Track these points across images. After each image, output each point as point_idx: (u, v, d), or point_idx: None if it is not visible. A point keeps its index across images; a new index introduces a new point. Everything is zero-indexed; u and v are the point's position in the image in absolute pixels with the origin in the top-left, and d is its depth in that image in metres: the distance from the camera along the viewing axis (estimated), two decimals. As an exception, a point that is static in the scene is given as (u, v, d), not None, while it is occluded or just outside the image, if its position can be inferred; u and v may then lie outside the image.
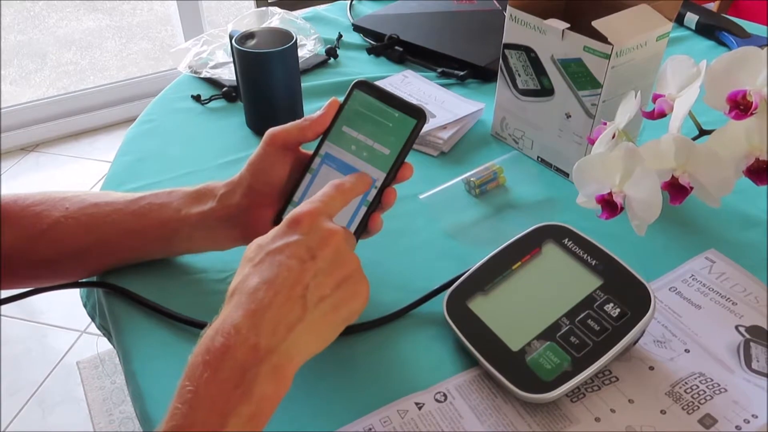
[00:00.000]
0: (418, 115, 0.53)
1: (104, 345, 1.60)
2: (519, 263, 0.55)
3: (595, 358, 0.48)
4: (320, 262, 0.44)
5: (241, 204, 0.54)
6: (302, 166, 0.56)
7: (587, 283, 0.52)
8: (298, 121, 0.55)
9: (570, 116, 0.70)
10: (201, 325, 0.55)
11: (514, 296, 0.53)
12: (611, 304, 0.50)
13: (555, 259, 0.55)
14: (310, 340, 0.44)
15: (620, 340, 0.48)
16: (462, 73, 0.91)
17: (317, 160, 0.55)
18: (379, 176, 0.53)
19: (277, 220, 0.55)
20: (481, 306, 0.53)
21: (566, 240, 0.55)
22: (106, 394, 1.49)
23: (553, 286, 0.53)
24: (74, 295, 0.70)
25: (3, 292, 0.57)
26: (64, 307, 1.68)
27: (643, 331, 0.50)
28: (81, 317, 1.64)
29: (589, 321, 0.50)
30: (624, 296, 0.51)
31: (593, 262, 0.53)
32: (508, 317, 0.52)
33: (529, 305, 0.53)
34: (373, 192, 0.53)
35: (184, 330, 0.56)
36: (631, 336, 0.48)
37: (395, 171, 0.53)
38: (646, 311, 0.49)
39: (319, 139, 0.55)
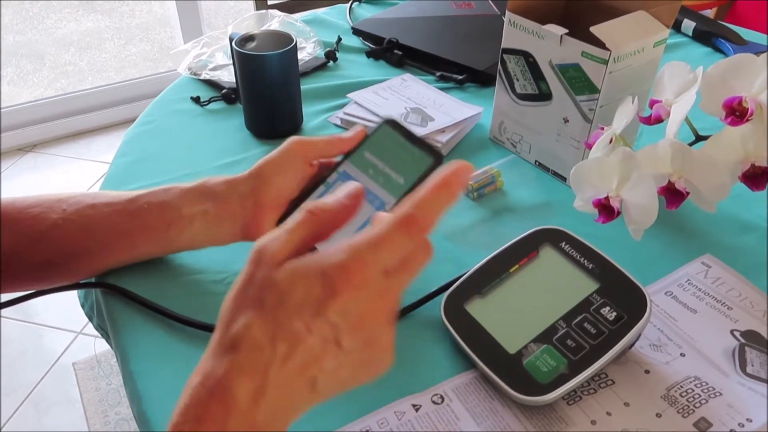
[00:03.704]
0: (436, 156, 0.55)
1: (101, 346, 1.59)
2: (516, 266, 0.55)
3: (591, 362, 0.48)
4: (347, 352, 0.35)
5: (244, 202, 0.55)
6: (312, 180, 0.57)
7: (584, 286, 0.52)
8: (325, 136, 0.57)
9: (568, 121, 0.70)
10: (199, 326, 0.55)
11: (511, 299, 0.54)
12: (607, 308, 0.51)
13: (552, 262, 0.55)
14: (298, 411, 0.37)
15: (616, 343, 0.49)
16: (461, 77, 0.91)
17: (334, 175, 0.56)
18: (390, 201, 0.54)
19: (281, 223, 0.56)
20: (478, 309, 0.54)
21: (563, 243, 0.55)
22: (101, 396, 1.49)
23: (550, 289, 0.53)
24: (71, 296, 0.70)
25: (3, 295, 0.57)
26: (61, 308, 1.67)
27: (639, 335, 0.50)
28: (77, 318, 1.64)
29: (585, 324, 0.50)
30: (620, 300, 0.51)
31: (590, 266, 0.53)
32: (505, 320, 0.52)
33: (526, 308, 0.53)
34: None
35: (182, 330, 0.56)
36: (627, 339, 0.49)
37: None
38: (642, 315, 0.49)
39: (341, 157, 0.57)
